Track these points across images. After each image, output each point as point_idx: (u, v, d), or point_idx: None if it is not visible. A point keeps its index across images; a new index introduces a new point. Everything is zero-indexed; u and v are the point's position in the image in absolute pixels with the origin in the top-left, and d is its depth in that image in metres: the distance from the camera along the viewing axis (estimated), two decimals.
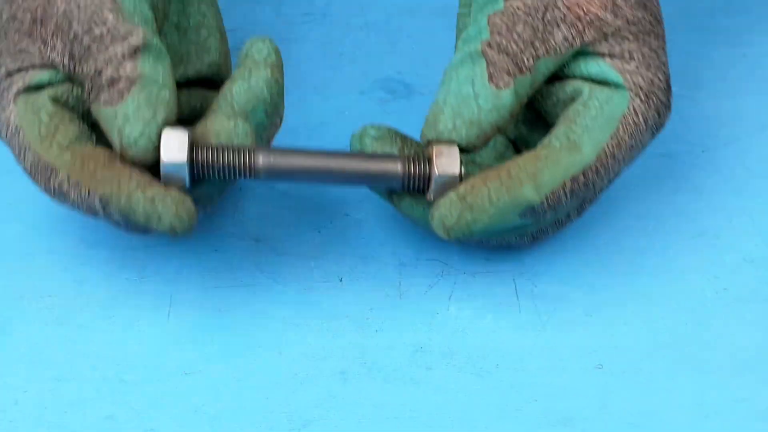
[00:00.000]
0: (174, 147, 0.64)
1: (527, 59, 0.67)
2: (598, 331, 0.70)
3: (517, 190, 0.66)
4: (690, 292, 0.72)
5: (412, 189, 0.67)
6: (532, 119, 0.72)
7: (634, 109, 0.68)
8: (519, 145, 0.73)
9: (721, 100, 0.81)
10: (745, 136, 0.79)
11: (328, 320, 0.70)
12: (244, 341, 0.69)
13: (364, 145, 0.69)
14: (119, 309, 0.70)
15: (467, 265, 0.73)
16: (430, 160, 0.67)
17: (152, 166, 0.65)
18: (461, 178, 0.66)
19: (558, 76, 0.69)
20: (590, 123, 0.67)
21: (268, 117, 0.68)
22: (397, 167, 0.67)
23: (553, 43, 0.67)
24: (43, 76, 0.67)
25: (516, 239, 0.71)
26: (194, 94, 0.72)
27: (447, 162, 0.66)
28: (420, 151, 0.69)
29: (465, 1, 0.73)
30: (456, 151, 0.66)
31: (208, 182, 0.67)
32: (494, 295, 0.72)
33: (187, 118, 0.71)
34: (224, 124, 0.66)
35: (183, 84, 0.72)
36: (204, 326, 0.70)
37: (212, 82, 0.73)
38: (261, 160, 0.65)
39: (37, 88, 0.67)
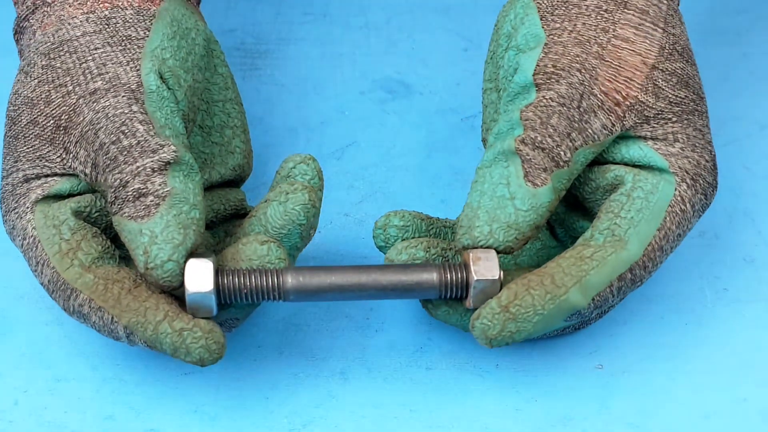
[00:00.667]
0: (199, 276, 0.62)
1: (564, 152, 0.64)
2: (598, 331, 0.70)
3: (563, 297, 0.63)
4: (690, 292, 0.72)
5: (449, 297, 0.64)
6: (569, 200, 0.69)
7: (681, 196, 0.65)
8: (555, 227, 0.70)
9: (721, 100, 0.81)
10: (745, 136, 0.79)
11: (328, 320, 0.70)
12: (244, 341, 0.69)
13: (389, 235, 0.66)
14: None
15: None
16: (467, 266, 0.63)
17: (175, 289, 0.63)
18: (501, 284, 0.63)
19: (597, 160, 0.66)
20: (636, 216, 0.64)
21: (302, 239, 0.66)
22: (432, 277, 0.64)
23: (591, 132, 0.64)
24: (63, 185, 0.65)
25: (558, 332, 0.68)
26: (216, 196, 0.70)
27: (485, 267, 0.63)
28: (446, 247, 0.66)
29: (490, 76, 0.70)
30: (494, 255, 0.63)
31: (235, 307, 0.65)
32: None
33: (208, 222, 0.69)
34: (257, 250, 0.64)
35: (206, 188, 0.70)
36: None
37: (234, 182, 0.71)
38: (290, 281, 0.63)
39: (57, 197, 0.65)
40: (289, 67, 0.83)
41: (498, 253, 0.63)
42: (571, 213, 0.69)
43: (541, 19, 0.67)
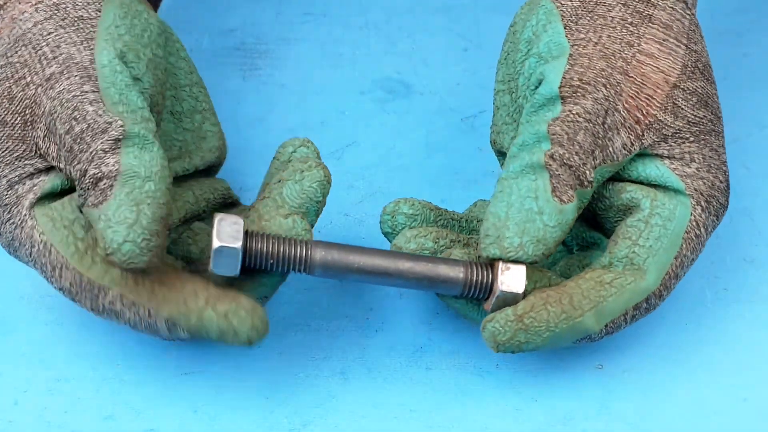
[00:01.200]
0: (229, 230, 0.61)
1: (589, 172, 0.63)
2: None
3: (578, 320, 0.63)
4: (690, 292, 0.72)
5: (472, 295, 0.64)
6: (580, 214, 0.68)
7: (696, 221, 0.65)
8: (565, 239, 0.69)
9: (721, 100, 0.81)
10: (745, 136, 0.79)
11: (328, 320, 0.70)
12: None
13: (396, 222, 0.66)
14: None
15: None
16: (494, 274, 0.63)
17: (142, 270, 0.61)
18: (524, 296, 0.63)
19: (612, 176, 0.66)
20: (654, 245, 0.64)
21: (316, 216, 0.66)
22: (458, 274, 0.64)
23: (611, 151, 0.64)
24: (53, 181, 0.63)
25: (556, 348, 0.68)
26: (203, 185, 0.69)
27: (512, 279, 0.63)
28: (455, 239, 0.66)
29: (504, 77, 0.70)
30: (523, 270, 0.63)
31: (263, 283, 0.65)
32: None
33: (200, 213, 0.68)
34: (282, 224, 0.63)
35: (190, 175, 0.69)
36: None
37: (215, 167, 0.71)
38: (318, 254, 0.63)
39: (52, 195, 0.63)
40: (289, 67, 0.83)
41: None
42: (581, 223, 0.68)
43: (564, 28, 0.66)
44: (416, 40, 0.85)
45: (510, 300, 0.63)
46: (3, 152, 0.64)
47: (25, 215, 0.63)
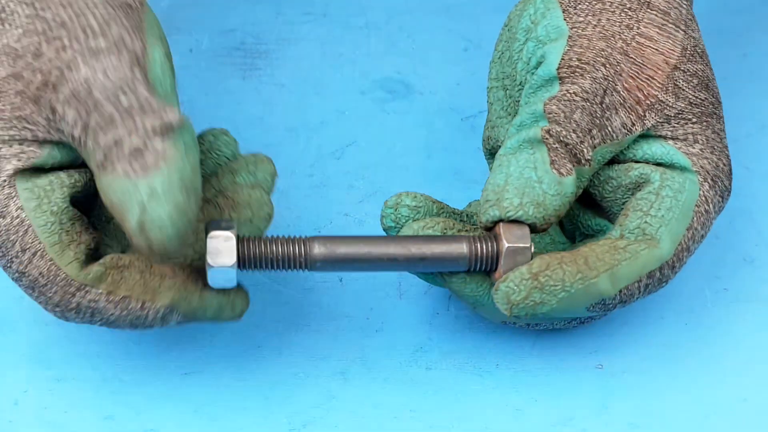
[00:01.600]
0: (221, 250, 0.61)
1: (586, 150, 0.63)
2: (598, 331, 0.70)
3: (593, 280, 0.62)
4: (690, 292, 0.72)
5: (477, 270, 0.64)
6: (581, 197, 0.68)
7: (705, 196, 0.65)
8: (564, 224, 0.69)
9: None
10: (745, 136, 0.79)
11: (328, 320, 0.70)
12: (244, 341, 0.69)
13: (400, 215, 0.66)
14: None
15: None
16: (497, 237, 0.63)
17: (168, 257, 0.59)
18: (532, 256, 0.63)
19: (617, 158, 0.66)
20: (666, 215, 0.64)
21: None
22: (462, 248, 0.63)
23: (610, 130, 0.64)
24: (45, 157, 0.61)
25: (564, 324, 0.68)
26: None
27: (517, 236, 0.62)
28: (462, 229, 0.65)
29: (497, 75, 0.70)
30: (525, 227, 0.63)
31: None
32: None
33: None
34: (251, 193, 0.64)
35: None
36: (204, 326, 0.69)
37: None
38: (317, 249, 0.63)
39: (36, 170, 0.61)
40: (289, 67, 0.83)
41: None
42: (585, 210, 0.68)
43: (563, 12, 0.67)
44: (416, 40, 0.85)
45: (520, 258, 0.62)
46: (4, 106, 0.60)
47: (4, 181, 0.60)
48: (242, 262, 0.62)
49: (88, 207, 0.64)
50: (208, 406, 0.67)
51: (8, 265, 0.61)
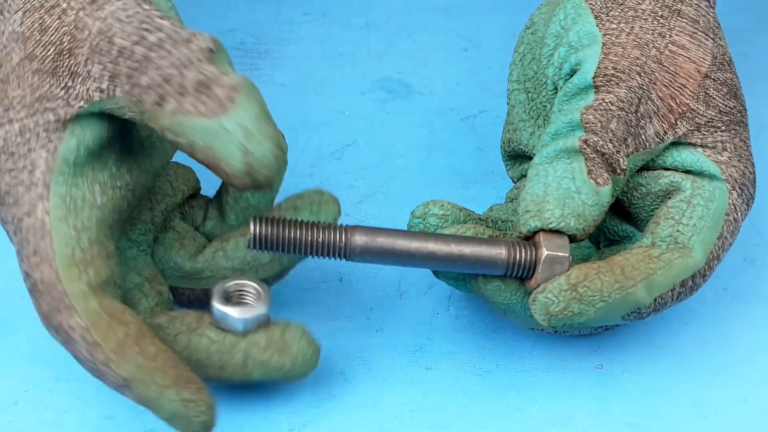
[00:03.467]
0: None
1: (622, 160, 0.64)
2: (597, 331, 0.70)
3: (630, 290, 0.62)
4: None
5: (513, 275, 0.64)
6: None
7: (733, 205, 0.65)
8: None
9: None
10: None
11: (328, 320, 0.70)
12: None
13: (428, 224, 0.66)
14: None
15: None
16: (536, 245, 0.63)
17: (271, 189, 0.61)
18: (569, 267, 0.63)
19: (646, 165, 0.66)
20: (699, 224, 0.64)
21: None
22: (502, 252, 0.63)
23: (644, 139, 0.64)
24: (69, 141, 0.59)
25: (591, 330, 0.68)
26: (178, 175, 0.67)
27: (556, 245, 0.63)
28: (493, 235, 0.65)
29: (519, 77, 0.70)
30: (565, 237, 0.63)
31: (285, 265, 0.66)
32: None
33: (177, 205, 0.67)
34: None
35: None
36: None
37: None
38: (359, 239, 0.62)
39: (67, 161, 0.59)
40: (289, 67, 0.83)
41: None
42: (611, 216, 0.68)
43: (595, 18, 0.67)
44: (416, 40, 0.85)
45: (557, 268, 0.62)
46: (24, 91, 0.59)
47: (39, 179, 0.59)
48: (279, 245, 0.62)
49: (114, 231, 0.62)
50: None
51: (21, 260, 0.60)
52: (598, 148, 0.63)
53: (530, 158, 0.71)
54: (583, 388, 0.68)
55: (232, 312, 0.63)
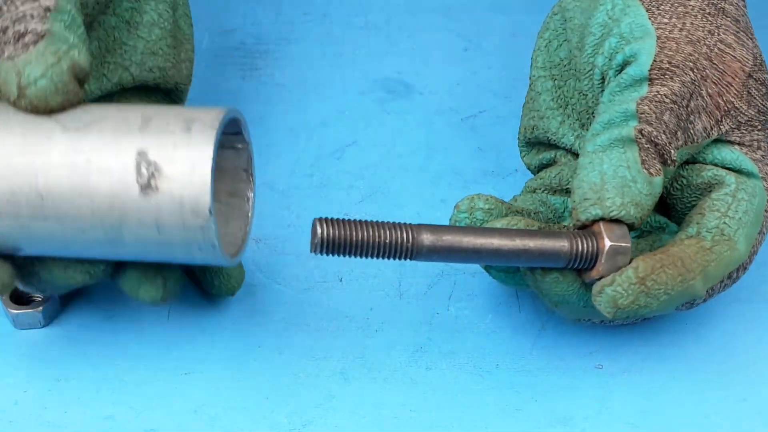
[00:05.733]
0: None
1: (673, 152, 0.64)
2: (598, 331, 0.70)
3: (691, 282, 0.63)
4: None
5: (574, 267, 0.63)
6: None
7: None
8: None
9: None
10: None
11: (328, 320, 0.70)
12: (244, 341, 0.69)
13: (475, 218, 0.65)
14: (119, 309, 0.70)
15: (467, 265, 0.73)
16: (598, 235, 0.63)
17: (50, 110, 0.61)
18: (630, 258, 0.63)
19: (687, 159, 0.67)
20: (744, 218, 0.65)
21: None
22: (564, 244, 0.63)
23: (692, 133, 0.65)
24: None
25: (636, 320, 0.69)
26: (136, 99, 0.69)
27: (618, 235, 0.63)
28: (542, 227, 0.65)
29: (545, 64, 0.71)
30: (626, 228, 0.63)
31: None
32: (494, 295, 0.72)
33: None
34: None
35: (127, 90, 0.70)
36: (204, 326, 0.70)
37: (155, 89, 0.71)
38: (425, 238, 0.61)
39: None
40: (289, 67, 0.83)
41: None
42: None
43: (647, 11, 0.67)
44: (416, 40, 0.85)
45: (620, 259, 0.62)
46: None
47: None
48: (345, 248, 0.61)
49: None
50: (208, 406, 0.67)
51: None
52: (652, 138, 0.64)
53: (553, 146, 0.72)
54: (583, 388, 0.68)
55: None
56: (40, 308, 0.68)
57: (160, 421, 0.66)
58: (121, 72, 0.69)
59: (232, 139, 0.65)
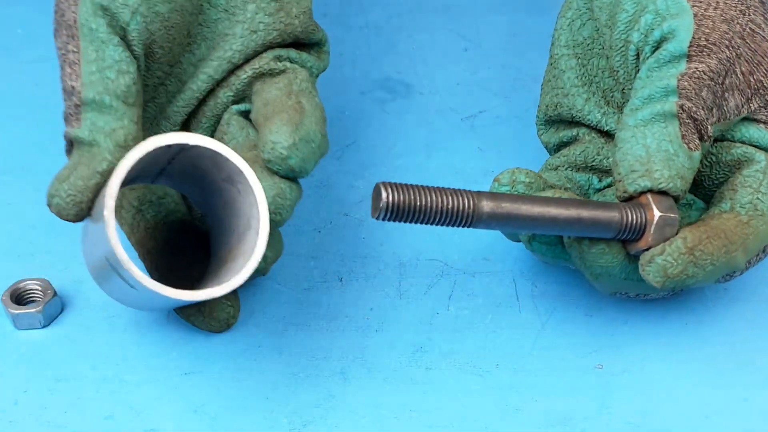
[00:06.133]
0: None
1: (710, 127, 0.66)
2: (598, 331, 0.70)
3: (734, 254, 0.65)
4: (690, 292, 0.72)
5: (623, 237, 0.64)
6: None
7: None
8: None
9: None
10: None
11: (328, 320, 0.70)
12: (244, 341, 0.69)
13: (516, 191, 0.66)
14: (119, 309, 0.70)
15: (467, 265, 0.73)
16: (646, 206, 0.64)
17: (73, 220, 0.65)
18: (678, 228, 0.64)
19: (716, 137, 0.68)
20: None
21: None
22: (615, 214, 0.63)
23: (725, 110, 0.67)
24: None
25: (669, 293, 0.70)
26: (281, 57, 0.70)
27: (666, 207, 0.63)
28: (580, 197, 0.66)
29: (568, 42, 0.72)
30: (672, 200, 0.64)
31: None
32: (494, 295, 0.72)
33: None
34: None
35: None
36: None
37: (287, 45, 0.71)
38: (485, 204, 0.62)
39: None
40: None
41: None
42: None
43: None
44: (416, 40, 0.85)
45: (668, 229, 0.63)
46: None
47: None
48: (409, 214, 0.61)
49: None
50: (208, 406, 0.67)
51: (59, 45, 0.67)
52: (692, 114, 0.65)
53: (575, 124, 0.72)
54: (583, 388, 0.68)
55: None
56: (40, 308, 0.68)
57: (160, 421, 0.66)
58: (225, 65, 0.69)
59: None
